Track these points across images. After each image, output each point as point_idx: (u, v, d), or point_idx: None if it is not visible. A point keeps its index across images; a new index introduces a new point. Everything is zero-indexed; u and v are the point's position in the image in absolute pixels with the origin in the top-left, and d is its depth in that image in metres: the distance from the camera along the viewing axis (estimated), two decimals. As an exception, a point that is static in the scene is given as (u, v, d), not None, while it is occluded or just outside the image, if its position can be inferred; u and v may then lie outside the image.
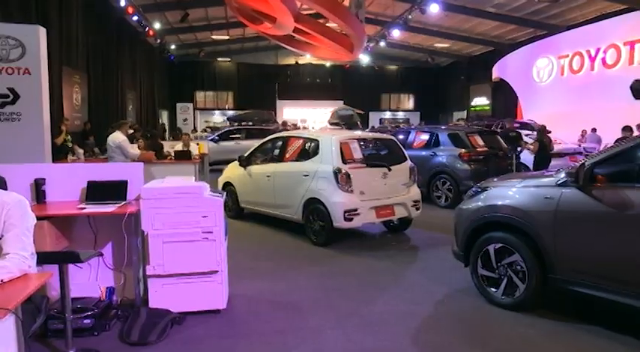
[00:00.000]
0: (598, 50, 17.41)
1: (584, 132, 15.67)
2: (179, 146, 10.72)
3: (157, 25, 21.19)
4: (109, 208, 3.90)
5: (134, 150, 8.26)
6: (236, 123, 18.97)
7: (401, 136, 10.55)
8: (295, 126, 22.28)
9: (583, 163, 3.70)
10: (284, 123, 21.10)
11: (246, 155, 7.95)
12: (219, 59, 31.60)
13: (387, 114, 34.78)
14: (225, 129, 18.07)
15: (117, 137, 7.85)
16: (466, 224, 4.50)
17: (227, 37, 27.21)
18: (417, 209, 6.81)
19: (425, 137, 10.39)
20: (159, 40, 23.23)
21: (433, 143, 10.05)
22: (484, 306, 4.22)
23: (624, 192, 3.46)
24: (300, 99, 32.24)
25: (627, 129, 10.68)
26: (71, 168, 5.16)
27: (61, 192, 4.21)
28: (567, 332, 3.70)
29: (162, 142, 11.39)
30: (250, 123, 18.94)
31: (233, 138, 16.94)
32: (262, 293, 4.60)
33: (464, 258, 4.53)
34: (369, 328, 3.84)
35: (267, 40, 23.29)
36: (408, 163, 6.89)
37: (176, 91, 29.95)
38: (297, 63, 32.37)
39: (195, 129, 27.32)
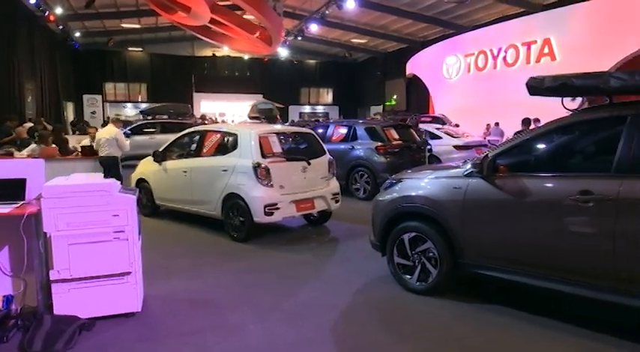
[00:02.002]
0: (500, 49, 18.71)
1: (488, 125, 16.80)
2: (86, 141, 10.03)
3: (59, 10, 19.62)
4: (4, 209, 3.56)
5: (127, 142, 9.07)
6: (150, 117, 18.13)
7: (320, 130, 10.68)
8: (213, 120, 21.75)
9: (486, 155, 3.96)
10: (202, 117, 20.53)
11: (161, 150, 7.63)
12: (131, 49, 30.00)
13: (307, 108, 35.05)
14: (139, 123, 17.20)
15: (112, 131, 8.61)
16: (382, 215, 4.66)
17: (138, 26, 25.87)
18: (337, 201, 6.94)
19: (343, 131, 10.60)
20: (61, 27, 21.54)
21: (351, 137, 10.28)
22: (400, 293, 4.40)
23: (522, 181, 3.75)
24: (218, 92, 31.54)
25: (526, 122, 11.60)
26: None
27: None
28: (473, 312, 3.97)
29: (68, 137, 10.62)
30: (165, 117, 18.20)
31: (147, 133, 16.17)
32: (179, 293, 4.45)
33: (381, 247, 4.69)
34: (290, 322, 3.85)
35: (182, 31, 22.47)
36: (327, 157, 6.98)
37: (83, 82, 28.03)
38: (214, 55, 31.59)
39: (105, 123, 25.76)
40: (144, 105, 26.38)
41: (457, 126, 16.00)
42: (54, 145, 8.92)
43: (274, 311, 4.03)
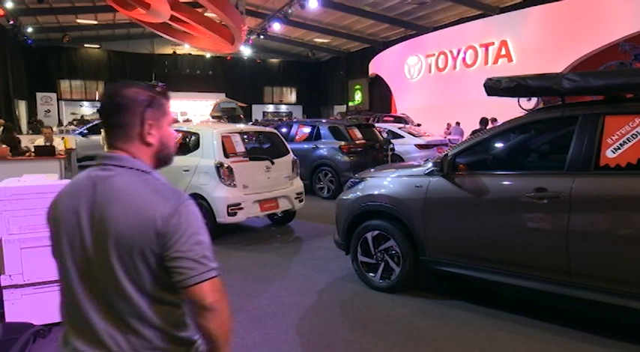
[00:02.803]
0: (459, 50, 19.16)
1: (449, 125, 17.17)
2: (40, 141, 9.65)
3: (9, 4, 18.77)
4: (-49, 213, 3.38)
5: None
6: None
7: (284, 129, 10.65)
8: (175, 120, 21.32)
9: (446, 154, 4.05)
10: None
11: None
12: (87, 46, 29.05)
13: (270, 108, 34.89)
14: (96, 122, 16.66)
15: None
16: (346, 213, 4.69)
17: (95, 22, 25.06)
18: (301, 201, 6.93)
19: (307, 130, 10.61)
20: (11, 21, 20.61)
21: (315, 136, 10.30)
22: (364, 291, 4.44)
23: (481, 179, 3.86)
24: (179, 90, 30.93)
25: (483, 121, 11.94)
26: None
27: None
28: (436, 308, 4.05)
29: (20, 136, 10.19)
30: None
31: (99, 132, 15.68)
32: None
33: (345, 246, 4.72)
34: (255, 322, 3.83)
35: (141, 28, 21.93)
36: (291, 156, 6.97)
37: (36, 79, 26.92)
38: (175, 53, 30.99)
39: (60, 123, 24.82)
40: (101, 104, 25.51)
41: (419, 125, 16.28)
42: (4, 145, 8.54)
43: (239, 312, 3.99)
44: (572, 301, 3.55)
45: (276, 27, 22.78)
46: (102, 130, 9.62)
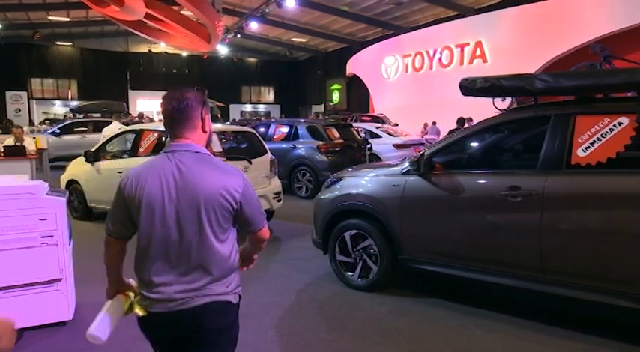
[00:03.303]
0: (435, 51, 19.40)
1: (426, 124, 17.35)
2: (10, 140, 9.38)
3: (-23, 0, 18.25)
4: None
5: None
6: (81, 115, 17.23)
7: (261, 129, 10.61)
8: (151, 119, 21.02)
9: (423, 153, 4.09)
10: (140, 116, 19.79)
11: (93, 150, 7.27)
12: (59, 43, 28.41)
13: (248, 107, 34.71)
14: (69, 122, 16.31)
15: (116, 127, 9.41)
16: (324, 213, 4.69)
17: (67, 19, 24.53)
18: (279, 201, 6.91)
19: (285, 130, 10.59)
20: (-20, 18, 20.04)
21: (293, 136, 10.28)
22: (342, 290, 4.46)
23: (456, 178, 3.91)
24: (155, 89, 30.50)
25: (460, 121, 12.11)
26: None
27: None
28: (413, 306, 4.09)
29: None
30: (99, 115, 17.36)
31: (78, 132, 15.36)
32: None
33: (323, 245, 4.73)
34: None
35: (115, 25, 21.56)
36: (269, 156, 6.94)
37: (5, 78, 26.18)
38: (150, 51, 30.56)
39: (32, 122, 24.18)
40: (74, 103, 25.04)
41: (396, 125, 16.42)
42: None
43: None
44: (552, 298, 3.62)
45: (254, 26, 22.68)
46: (104, 129, 10.45)
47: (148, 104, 29.94)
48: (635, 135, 3.17)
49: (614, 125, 3.24)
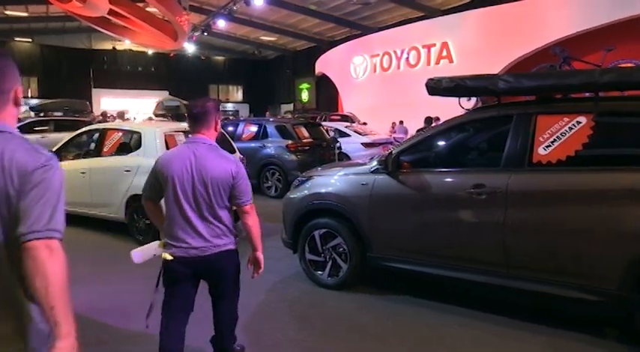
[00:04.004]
0: (403, 51, 19.63)
1: (394, 124, 17.54)
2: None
3: None
4: None
5: None
6: (42, 114, 16.65)
7: (230, 128, 10.50)
8: (115, 118, 20.51)
9: (391, 152, 4.13)
10: (104, 114, 19.27)
11: (55, 149, 7.04)
12: (17, 39, 27.38)
13: (216, 106, 34.25)
14: (28, 121, 15.70)
15: None
16: (293, 212, 4.69)
17: (26, 14, 23.66)
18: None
19: (254, 129, 10.51)
20: None
21: (262, 135, 10.22)
22: (312, 289, 4.46)
23: (423, 176, 3.98)
24: (119, 88, 29.80)
25: (428, 120, 12.30)
26: None
27: None
28: (383, 303, 4.14)
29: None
30: (60, 114, 16.81)
31: (38, 131, 14.83)
32: (82, 303, 4.14)
33: (292, 245, 4.72)
34: (201, 324, 3.74)
35: (77, 21, 20.91)
36: (237, 155, 6.88)
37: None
38: (114, 48, 29.82)
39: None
40: (34, 102, 24.16)
41: (365, 124, 16.54)
42: None
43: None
44: (518, 293, 3.72)
45: (221, 24, 22.42)
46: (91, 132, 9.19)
47: (112, 103, 29.18)
48: (593, 134, 3.30)
49: (573, 124, 3.36)
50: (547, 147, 3.42)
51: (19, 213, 1.34)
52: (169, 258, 2.58)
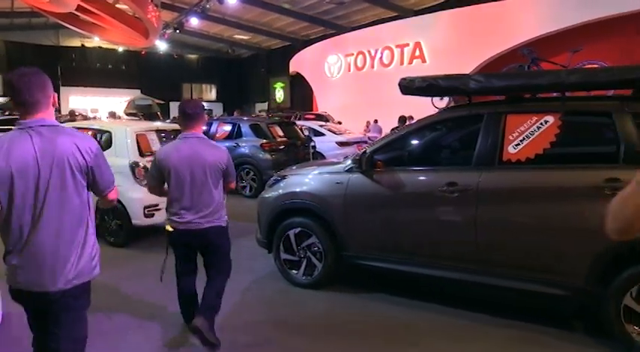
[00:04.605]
0: (376, 51, 19.76)
1: (368, 123, 17.65)
2: None
3: None
4: None
5: None
6: (7, 113, 16.11)
7: (203, 127, 10.38)
8: (85, 117, 20.02)
9: (365, 151, 4.16)
10: (71, 113, 18.78)
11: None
12: (-20, 35, 26.43)
13: (189, 105, 33.75)
14: (-8, 120, 15.20)
15: None
16: (268, 212, 4.67)
17: (-11, 10, 22.87)
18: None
19: (227, 128, 10.43)
20: None
21: (236, 134, 10.15)
22: (287, 288, 4.46)
23: (397, 175, 4.01)
24: (89, 86, 29.07)
25: (401, 119, 12.41)
26: None
27: None
28: (356, 302, 4.16)
29: None
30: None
31: (3, 130, 14.32)
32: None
33: (267, 244, 4.70)
34: (175, 326, 3.70)
35: (44, 17, 20.33)
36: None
37: None
38: (83, 45, 29.09)
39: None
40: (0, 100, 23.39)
41: (339, 123, 16.59)
42: None
43: (159, 317, 3.85)
44: (491, 289, 3.79)
45: (194, 22, 22.15)
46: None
47: (81, 101, 28.45)
48: (559, 132, 3.39)
49: (541, 123, 3.45)
50: (516, 145, 3.50)
51: (95, 177, 2.16)
52: (171, 229, 3.26)
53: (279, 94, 30.06)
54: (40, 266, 2.00)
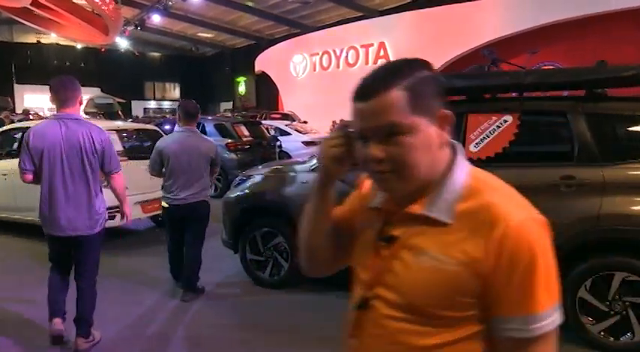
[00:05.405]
0: (342, 50, 19.88)
1: (334, 122, 17.71)
2: None
3: None
4: None
5: None
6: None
7: (167, 127, 10.20)
8: (40, 116, 19.29)
9: (330, 150, 4.17)
10: (25, 112, 18.08)
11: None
12: None
13: (152, 104, 33.14)
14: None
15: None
16: (233, 212, 4.63)
17: (-64, 3, 21.71)
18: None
19: (192, 127, 10.25)
20: None
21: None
22: (254, 289, 4.44)
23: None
24: (45, 84, 27.89)
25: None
26: None
27: None
28: (323, 300, 4.17)
29: None
30: (-22, 112, 15.57)
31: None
32: (9, 313, 3.89)
33: (233, 245, 4.66)
34: (139, 328, 3.64)
35: (-4, 12, 19.46)
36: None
37: None
38: (39, 42, 28.02)
39: None
40: (-52, 98, 22.25)
41: (305, 122, 16.61)
42: None
43: (122, 320, 3.76)
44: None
45: (156, 19, 21.71)
46: None
47: (37, 99, 27.36)
48: (518, 131, 3.50)
49: (500, 123, 3.55)
50: (477, 144, 3.59)
51: (104, 160, 3.15)
52: (166, 205, 4.11)
53: (242, 88, 29.77)
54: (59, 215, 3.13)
